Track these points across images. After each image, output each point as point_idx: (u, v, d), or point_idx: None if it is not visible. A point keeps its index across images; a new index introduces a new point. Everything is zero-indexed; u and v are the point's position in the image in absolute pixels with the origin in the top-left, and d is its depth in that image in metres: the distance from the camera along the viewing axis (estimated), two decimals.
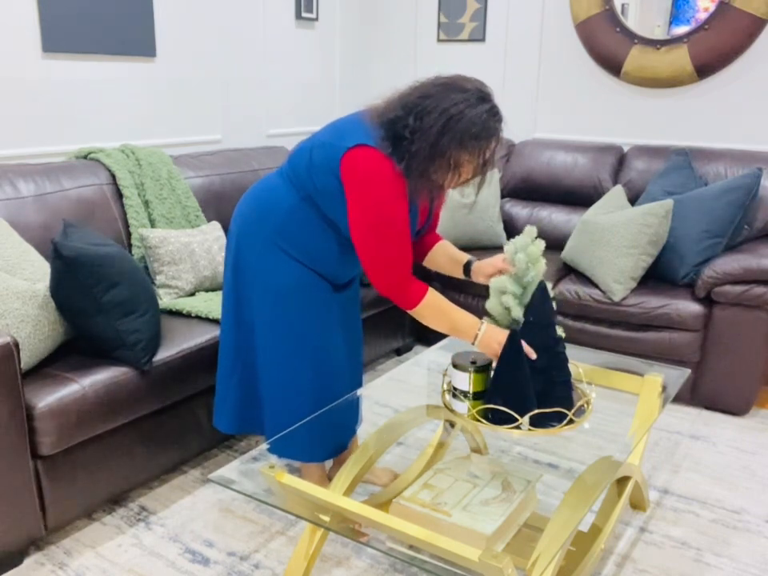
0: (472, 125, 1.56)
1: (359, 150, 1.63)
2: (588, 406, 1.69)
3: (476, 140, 1.58)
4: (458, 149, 1.58)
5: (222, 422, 2.02)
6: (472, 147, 1.59)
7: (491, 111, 1.59)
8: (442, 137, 1.56)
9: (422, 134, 1.58)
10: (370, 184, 1.62)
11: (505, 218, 3.56)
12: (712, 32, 3.13)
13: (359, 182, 1.63)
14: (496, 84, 3.83)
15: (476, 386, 1.66)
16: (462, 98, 1.57)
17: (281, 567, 1.89)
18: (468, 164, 1.63)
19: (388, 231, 1.66)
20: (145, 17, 2.90)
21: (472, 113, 1.56)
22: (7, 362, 1.70)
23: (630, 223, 2.81)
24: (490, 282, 1.79)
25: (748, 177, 2.79)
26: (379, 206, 1.63)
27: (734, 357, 2.68)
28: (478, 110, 1.57)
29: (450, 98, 1.57)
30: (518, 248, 1.75)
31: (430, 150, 1.58)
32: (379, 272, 1.70)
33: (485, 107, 1.58)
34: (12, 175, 2.33)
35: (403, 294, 1.71)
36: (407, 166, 1.61)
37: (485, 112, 1.58)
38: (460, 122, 1.56)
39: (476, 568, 1.24)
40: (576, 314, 2.94)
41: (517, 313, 1.72)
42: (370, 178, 1.62)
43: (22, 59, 2.55)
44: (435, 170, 1.62)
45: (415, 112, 1.59)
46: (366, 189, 1.63)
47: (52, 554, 1.93)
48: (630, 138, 3.51)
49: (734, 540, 2.03)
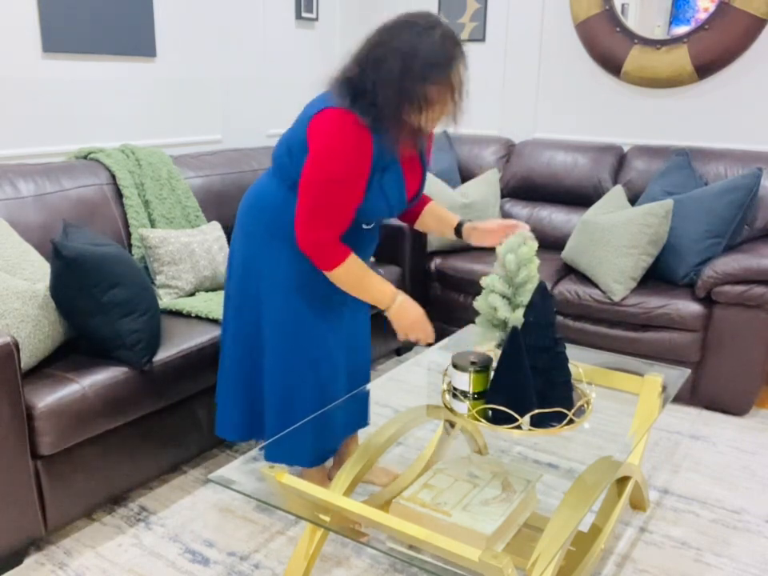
0: (429, 56, 1.51)
1: (323, 113, 1.61)
2: (588, 406, 1.69)
3: (438, 69, 1.52)
4: (423, 84, 1.52)
5: (227, 429, 2.00)
6: (436, 78, 1.53)
7: (444, 35, 1.54)
8: (404, 78, 1.52)
9: (382, 82, 1.54)
10: (329, 137, 1.59)
11: (505, 218, 3.56)
12: (712, 32, 3.13)
13: (319, 137, 1.61)
14: (496, 84, 3.83)
15: (476, 387, 1.66)
16: (412, 32, 1.52)
17: (281, 567, 1.89)
18: (440, 96, 1.57)
19: (335, 187, 1.62)
20: (145, 17, 2.90)
21: (425, 44, 1.51)
22: (7, 362, 1.70)
23: (629, 223, 2.81)
24: (481, 280, 1.79)
25: (748, 177, 2.79)
26: (333, 159, 1.59)
27: (734, 357, 2.68)
28: (430, 38, 1.51)
29: (400, 38, 1.52)
30: (508, 249, 1.75)
31: (397, 95, 1.53)
32: (311, 226, 1.66)
33: (436, 33, 1.53)
34: (12, 175, 2.33)
35: (325, 253, 1.69)
36: (378, 119, 1.57)
37: (438, 38, 1.52)
38: (416, 57, 1.50)
39: (476, 568, 1.24)
40: (576, 314, 2.94)
41: (504, 313, 1.72)
42: (330, 132, 1.59)
43: (22, 59, 2.55)
44: (408, 113, 1.57)
45: (371, 63, 1.55)
46: (324, 142, 1.59)
47: (52, 554, 1.93)
48: (630, 138, 3.51)
49: (734, 540, 2.03)
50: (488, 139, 3.73)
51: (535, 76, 3.70)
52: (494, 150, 3.68)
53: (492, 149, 3.69)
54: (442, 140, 3.71)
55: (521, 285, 1.74)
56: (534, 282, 1.75)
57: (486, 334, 1.81)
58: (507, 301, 1.74)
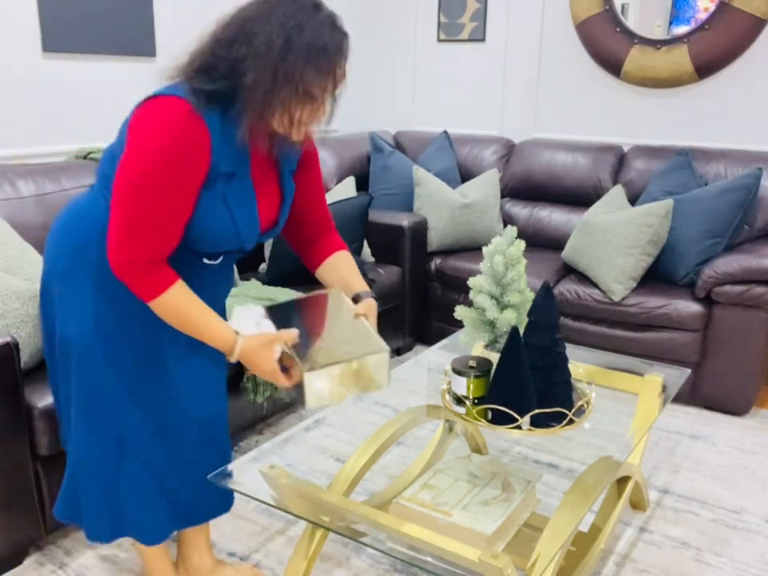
0: (316, 36, 1.25)
1: (147, 103, 1.29)
2: (588, 406, 1.69)
3: (324, 54, 1.26)
4: (304, 67, 1.25)
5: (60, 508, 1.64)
6: (320, 63, 1.26)
7: (332, 19, 1.30)
8: (285, 55, 1.23)
9: (255, 58, 1.24)
10: (149, 126, 1.25)
11: (505, 218, 3.56)
12: (712, 32, 3.13)
13: (139, 129, 1.26)
14: (496, 84, 3.83)
15: (476, 392, 1.66)
16: (296, 6, 1.26)
17: (281, 567, 1.89)
18: (318, 89, 1.29)
19: (155, 188, 1.26)
20: (145, 17, 2.90)
21: (313, 22, 1.25)
22: (7, 362, 1.70)
23: (630, 223, 2.81)
24: (469, 281, 1.79)
25: (748, 177, 2.79)
26: (153, 152, 1.24)
27: (734, 357, 2.68)
28: (318, 18, 1.27)
29: (281, 12, 1.25)
30: (496, 250, 1.75)
31: (273, 74, 1.24)
32: (125, 239, 1.29)
33: (324, 14, 1.28)
34: (12, 175, 2.33)
35: (143, 276, 1.32)
36: (233, 106, 1.29)
37: (326, 19, 1.28)
38: (302, 34, 1.24)
39: (476, 568, 1.24)
40: (576, 314, 2.94)
41: (492, 314, 1.72)
42: (151, 121, 1.25)
43: (21, 59, 2.55)
44: (279, 100, 1.27)
45: (242, 37, 1.26)
46: (143, 132, 1.25)
47: (52, 554, 1.93)
48: (630, 138, 3.51)
49: (734, 540, 2.03)
50: (488, 139, 3.73)
51: (535, 76, 3.70)
52: (493, 150, 3.68)
53: (492, 149, 3.69)
54: (442, 140, 3.71)
55: (508, 285, 1.74)
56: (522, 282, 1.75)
57: (474, 335, 1.81)
58: (495, 301, 1.74)
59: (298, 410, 2.78)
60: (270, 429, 2.63)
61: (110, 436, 1.51)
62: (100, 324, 1.43)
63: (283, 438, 1.74)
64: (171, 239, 1.32)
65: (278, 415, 2.74)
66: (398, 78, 4.13)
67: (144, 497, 1.56)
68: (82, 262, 1.41)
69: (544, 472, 2.34)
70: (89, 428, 1.50)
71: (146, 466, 1.54)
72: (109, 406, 1.48)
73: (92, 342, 1.44)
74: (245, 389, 2.33)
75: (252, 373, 1.42)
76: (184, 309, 1.35)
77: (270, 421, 2.70)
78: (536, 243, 3.50)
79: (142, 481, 1.55)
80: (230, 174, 1.35)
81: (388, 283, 3.08)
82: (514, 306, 1.73)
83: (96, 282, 1.42)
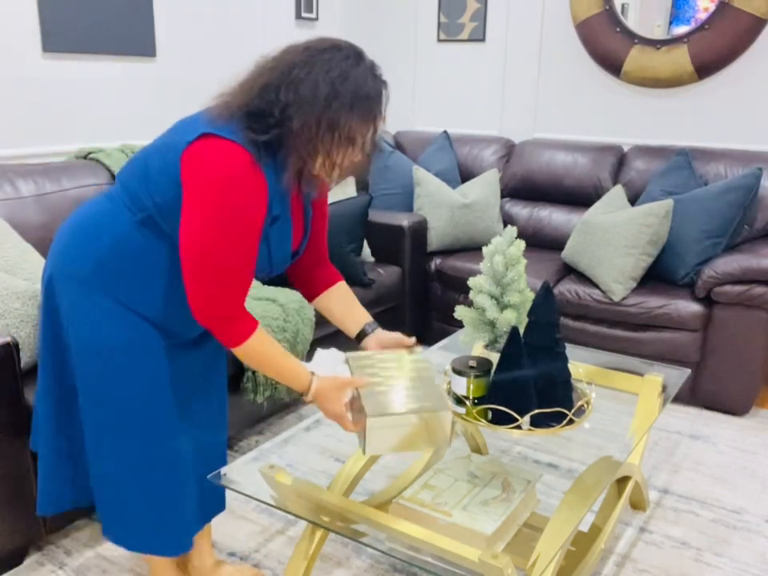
0: (360, 85, 1.30)
1: (203, 142, 1.28)
2: (588, 406, 1.69)
3: (366, 102, 1.31)
4: (348, 115, 1.29)
5: (48, 503, 1.59)
6: (363, 111, 1.31)
7: (374, 69, 1.36)
8: (330, 103, 1.27)
9: (301, 105, 1.27)
10: (217, 182, 1.26)
11: (505, 218, 3.56)
12: (712, 32, 3.13)
13: (201, 178, 1.27)
14: (496, 84, 3.83)
15: (476, 392, 1.66)
16: (341, 56, 1.31)
17: (281, 567, 1.89)
18: (360, 135, 1.33)
19: (229, 248, 1.29)
20: (145, 17, 2.90)
21: (357, 71, 1.31)
22: (7, 362, 1.70)
23: (630, 223, 2.81)
24: (469, 281, 1.79)
25: (748, 177, 2.79)
26: (225, 213, 1.27)
27: (734, 357, 2.68)
28: (361, 68, 1.32)
29: (326, 59, 1.29)
30: (496, 249, 1.75)
31: (318, 122, 1.28)
32: (204, 299, 1.33)
33: (366, 64, 1.34)
34: (12, 175, 2.33)
35: (228, 328, 1.36)
36: (279, 154, 1.32)
37: (368, 69, 1.33)
38: (346, 83, 1.28)
39: (476, 568, 1.24)
40: (576, 314, 2.94)
41: (492, 314, 1.72)
42: (217, 175, 1.26)
43: (22, 59, 2.55)
44: (323, 147, 1.31)
45: (285, 85, 1.28)
46: (210, 188, 1.26)
47: (52, 554, 1.93)
48: (630, 138, 3.51)
49: (734, 540, 2.03)
50: (488, 139, 3.73)
51: (535, 76, 3.70)
52: (494, 150, 3.68)
53: (492, 149, 3.69)
54: (442, 140, 3.71)
55: (508, 285, 1.73)
56: (522, 282, 1.75)
57: (474, 335, 1.81)
58: (495, 301, 1.74)
59: (298, 410, 2.79)
60: (270, 429, 2.63)
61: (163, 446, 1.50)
62: (132, 332, 1.43)
63: (283, 438, 1.74)
64: (247, 285, 1.37)
65: (277, 415, 2.74)
66: (398, 78, 4.13)
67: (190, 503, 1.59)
68: (103, 273, 1.40)
69: (544, 472, 2.34)
70: (131, 438, 1.48)
71: (188, 471, 1.57)
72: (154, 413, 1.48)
73: (125, 350, 1.43)
74: (245, 389, 2.33)
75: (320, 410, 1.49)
76: (266, 352, 1.40)
77: (269, 421, 2.70)
78: (536, 243, 3.50)
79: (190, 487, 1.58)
80: (275, 217, 1.40)
81: (388, 283, 3.08)
82: (514, 305, 1.73)
83: (117, 294, 1.41)
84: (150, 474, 1.50)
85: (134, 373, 1.44)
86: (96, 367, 1.43)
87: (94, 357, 1.42)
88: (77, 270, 1.41)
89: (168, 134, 1.39)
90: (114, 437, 1.47)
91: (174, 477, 1.53)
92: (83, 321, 1.42)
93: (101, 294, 1.40)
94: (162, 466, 1.51)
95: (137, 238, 1.39)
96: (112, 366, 1.43)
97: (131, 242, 1.39)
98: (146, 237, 1.39)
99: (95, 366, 1.43)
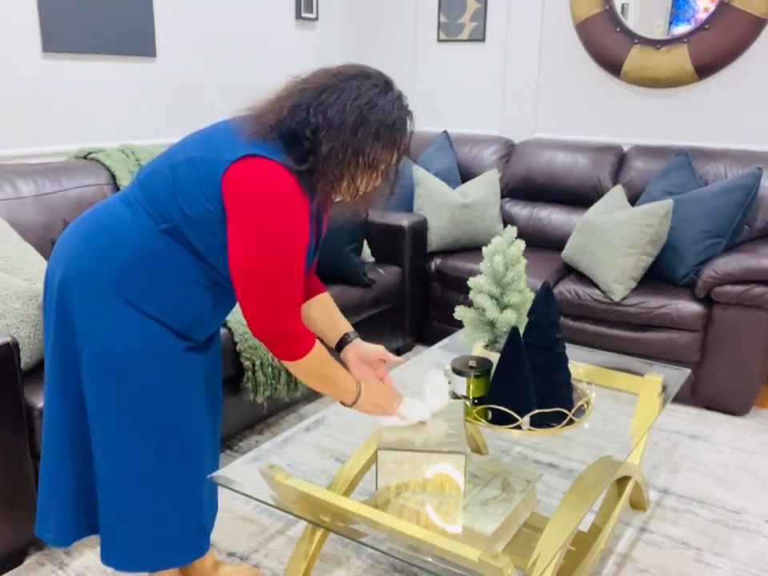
0: (386, 114, 1.33)
1: (249, 162, 1.30)
2: (588, 406, 1.69)
3: (391, 131, 1.34)
4: (373, 143, 1.33)
5: (49, 530, 1.53)
6: (388, 140, 1.34)
7: (400, 98, 1.38)
8: (357, 130, 1.30)
9: (330, 131, 1.30)
10: (267, 206, 1.29)
11: (505, 218, 3.56)
12: (712, 32, 3.13)
13: (252, 204, 1.29)
14: (496, 84, 3.83)
15: (475, 392, 1.66)
16: (369, 84, 1.33)
17: (281, 567, 1.89)
18: (384, 163, 1.38)
19: (283, 267, 1.33)
20: (145, 17, 2.90)
21: (383, 100, 1.33)
22: (7, 362, 1.70)
23: (630, 223, 2.81)
24: (469, 281, 1.79)
25: (748, 177, 2.79)
26: (276, 235, 1.30)
27: (734, 357, 2.68)
28: (388, 96, 1.34)
29: (354, 86, 1.32)
30: (496, 249, 1.75)
31: (345, 148, 1.31)
32: (264, 318, 1.36)
33: (394, 93, 1.36)
34: (12, 175, 2.33)
35: (290, 345, 1.40)
36: (316, 176, 1.34)
37: (395, 99, 1.36)
38: (373, 111, 1.31)
39: (476, 568, 1.24)
40: (576, 314, 2.94)
41: (492, 314, 1.72)
42: (269, 191, 1.29)
43: (22, 59, 2.55)
44: (352, 173, 1.35)
45: (314, 107, 1.31)
46: (261, 212, 1.29)
47: (52, 554, 1.93)
48: (630, 138, 3.51)
49: (734, 540, 2.03)
50: (488, 139, 3.73)
51: (535, 76, 3.70)
52: (494, 150, 3.68)
53: (492, 149, 3.69)
54: (442, 140, 3.71)
55: (508, 285, 1.74)
56: (522, 282, 1.75)
57: (474, 335, 1.81)
58: (495, 301, 1.74)
59: (298, 410, 2.79)
60: (270, 429, 2.63)
61: (192, 455, 1.51)
62: (156, 341, 1.42)
63: (283, 438, 1.74)
64: (300, 299, 1.41)
65: (278, 415, 2.74)
66: (398, 77, 4.11)
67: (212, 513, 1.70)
68: (126, 280, 1.38)
69: (544, 472, 2.34)
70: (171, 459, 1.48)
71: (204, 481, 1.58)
72: (186, 419, 1.49)
73: (150, 357, 1.42)
74: (245, 389, 2.33)
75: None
76: (318, 371, 1.45)
77: (269, 421, 2.70)
78: (536, 243, 3.50)
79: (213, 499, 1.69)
80: None
81: (388, 283, 3.08)
82: (514, 305, 1.74)
83: (138, 301, 1.39)
84: (179, 476, 1.49)
85: (151, 379, 1.42)
86: (107, 373, 1.40)
87: (108, 362, 1.39)
88: (97, 276, 1.38)
89: (200, 147, 1.37)
90: (136, 443, 1.43)
91: (197, 477, 1.54)
92: (107, 328, 1.39)
93: (123, 301, 1.38)
94: (188, 468, 1.51)
95: (160, 246, 1.38)
96: (127, 372, 1.40)
97: (155, 251, 1.38)
98: (170, 246, 1.38)
99: (107, 372, 1.40)
